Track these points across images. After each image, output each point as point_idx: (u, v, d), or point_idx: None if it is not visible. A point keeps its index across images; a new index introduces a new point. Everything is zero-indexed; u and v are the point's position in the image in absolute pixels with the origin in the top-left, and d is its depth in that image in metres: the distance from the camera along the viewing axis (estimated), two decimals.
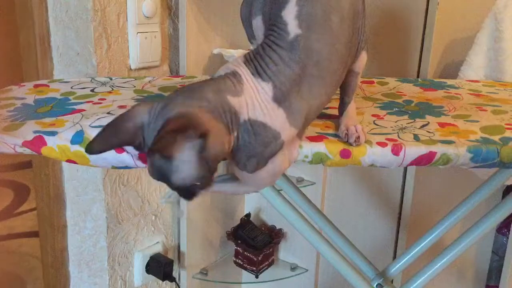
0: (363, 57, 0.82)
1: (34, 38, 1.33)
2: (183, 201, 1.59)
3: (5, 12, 1.42)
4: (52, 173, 1.43)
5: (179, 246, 1.66)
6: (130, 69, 1.37)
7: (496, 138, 0.78)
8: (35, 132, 0.77)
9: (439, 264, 1.05)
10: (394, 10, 1.40)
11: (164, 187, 1.56)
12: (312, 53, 0.68)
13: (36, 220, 2.28)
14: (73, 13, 1.28)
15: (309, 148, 0.74)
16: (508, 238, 1.65)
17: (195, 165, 0.64)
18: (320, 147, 0.74)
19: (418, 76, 1.39)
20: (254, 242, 1.69)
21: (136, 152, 0.75)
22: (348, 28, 0.72)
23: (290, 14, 0.69)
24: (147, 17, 1.37)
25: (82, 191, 1.42)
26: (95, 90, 1.00)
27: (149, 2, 1.36)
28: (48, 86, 1.03)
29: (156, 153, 0.64)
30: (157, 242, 1.59)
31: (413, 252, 1.22)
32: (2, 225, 2.60)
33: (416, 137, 0.78)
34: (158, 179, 0.66)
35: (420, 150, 0.74)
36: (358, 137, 0.74)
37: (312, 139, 0.76)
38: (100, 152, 0.67)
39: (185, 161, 0.63)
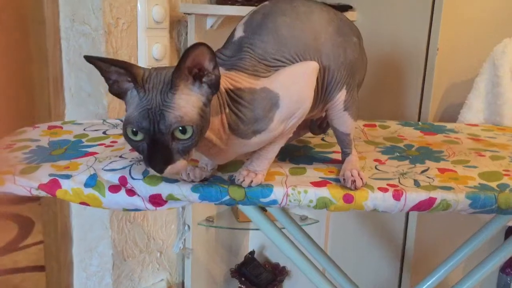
0: (341, 96, 0.82)
1: (47, 79, 1.38)
2: (189, 239, 1.61)
3: (21, 54, 1.48)
4: (60, 210, 1.46)
5: (183, 284, 1.67)
6: None
7: (493, 184, 0.81)
8: (50, 175, 0.81)
9: None
10: (395, 55, 1.45)
11: (169, 225, 1.58)
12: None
13: (40, 255, 2.28)
14: None
15: (313, 193, 0.77)
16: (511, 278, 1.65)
17: (197, 106, 0.66)
18: (324, 192, 0.77)
19: (419, 118, 1.43)
20: (258, 280, 1.70)
21: (147, 195, 0.78)
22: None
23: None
24: (157, 59, 1.42)
25: (89, 228, 1.44)
26: (107, 132, 1.04)
27: (159, 45, 1.41)
28: (62, 127, 1.07)
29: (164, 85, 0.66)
30: (162, 280, 1.60)
31: None
32: (6, 258, 2.60)
33: (417, 183, 0.81)
34: (148, 118, 0.65)
35: (420, 196, 0.77)
36: (354, 181, 0.77)
37: (316, 184, 0.79)
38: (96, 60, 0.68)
39: (190, 98, 0.66)
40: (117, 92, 0.69)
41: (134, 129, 0.65)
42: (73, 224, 1.47)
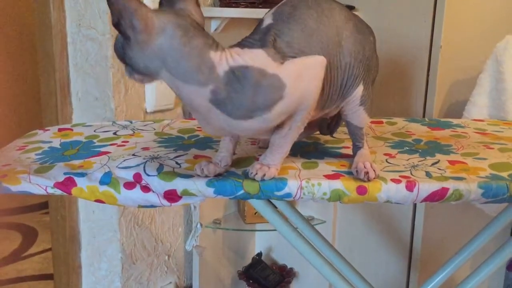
0: (358, 92, 0.83)
1: (54, 84, 1.39)
2: (201, 237, 1.61)
3: (28, 59, 1.49)
4: (69, 214, 1.47)
5: (191, 286, 1.67)
6: (146, 112, 1.43)
7: (505, 174, 0.81)
8: (65, 173, 0.81)
9: None
10: (398, 53, 1.47)
11: (177, 227, 1.58)
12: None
13: (45, 263, 2.28)
14: (93, 61, 1.34)
15: (327, 186, 0.78)
16: None
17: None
18: (337, 184, 0.78)
19: (424, 116, 1.44)
20: (266, 282, 1.70)
21: (162, 191, 0.78)
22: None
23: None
24: None
25: (98, 232, 1.45)
26: (117, 133, 1.04)
27: None
28: (72, 130, 1.08)
29: None
30: (170, 282, 1.60)
31: None
32: (10, 268, 2.60)
33: (428, 174, 0.81)
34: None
35: (433, 186, 0.78)
36: (367, 173, 0.78)
37: (329, 177, 0.79)
38: None
39: None
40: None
41: None
42: (82, 228, 1.48)
